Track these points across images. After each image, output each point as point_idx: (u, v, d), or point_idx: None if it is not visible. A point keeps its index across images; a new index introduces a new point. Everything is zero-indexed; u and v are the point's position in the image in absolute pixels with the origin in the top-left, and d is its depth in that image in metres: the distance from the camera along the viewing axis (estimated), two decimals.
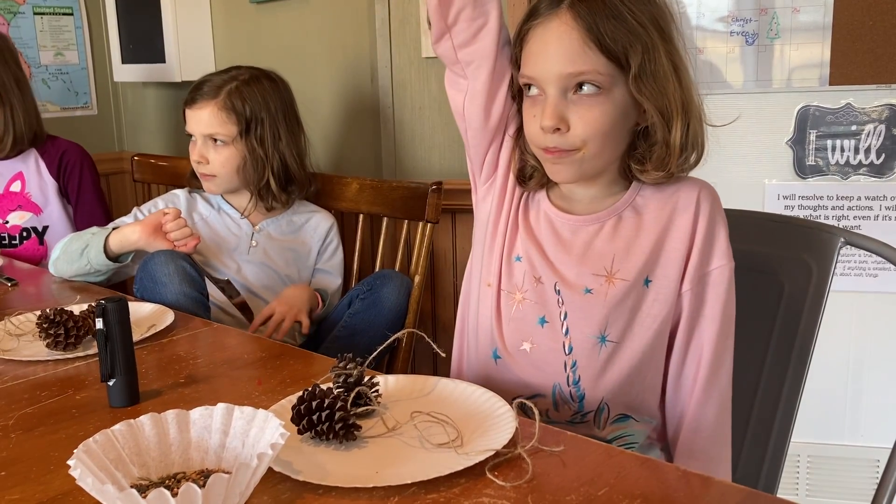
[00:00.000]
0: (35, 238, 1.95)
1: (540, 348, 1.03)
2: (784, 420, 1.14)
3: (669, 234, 1.01)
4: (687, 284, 1.01)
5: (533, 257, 1.05)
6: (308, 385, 0.85)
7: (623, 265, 1.00)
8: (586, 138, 0.95)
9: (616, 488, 0.71)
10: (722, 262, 1.01)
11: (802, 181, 1.68)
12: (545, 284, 1.03)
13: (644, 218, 1.02)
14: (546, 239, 1.05)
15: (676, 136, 0.95)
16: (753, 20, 1.66)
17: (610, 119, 0.95)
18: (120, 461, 0.72)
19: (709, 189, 1.03)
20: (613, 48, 0.92)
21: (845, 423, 1.73)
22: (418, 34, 1.88)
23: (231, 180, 1.66)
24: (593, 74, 0.93)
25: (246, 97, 1.63)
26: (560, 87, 0.95)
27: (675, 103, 0.95)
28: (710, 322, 1.01)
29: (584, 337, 1.01)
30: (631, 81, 0.93)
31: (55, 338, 1.12)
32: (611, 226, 1.02)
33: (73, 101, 2.64)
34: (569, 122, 0.95)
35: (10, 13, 2.48)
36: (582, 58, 0.93)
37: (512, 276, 1.06)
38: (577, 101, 0.95)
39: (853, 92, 1.61)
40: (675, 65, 0.95)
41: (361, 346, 1.50)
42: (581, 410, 1.02)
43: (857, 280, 1.68)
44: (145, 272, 1.42)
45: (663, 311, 1.00)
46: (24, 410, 0.93)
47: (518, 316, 1.04)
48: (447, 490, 0.71)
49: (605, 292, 1.00)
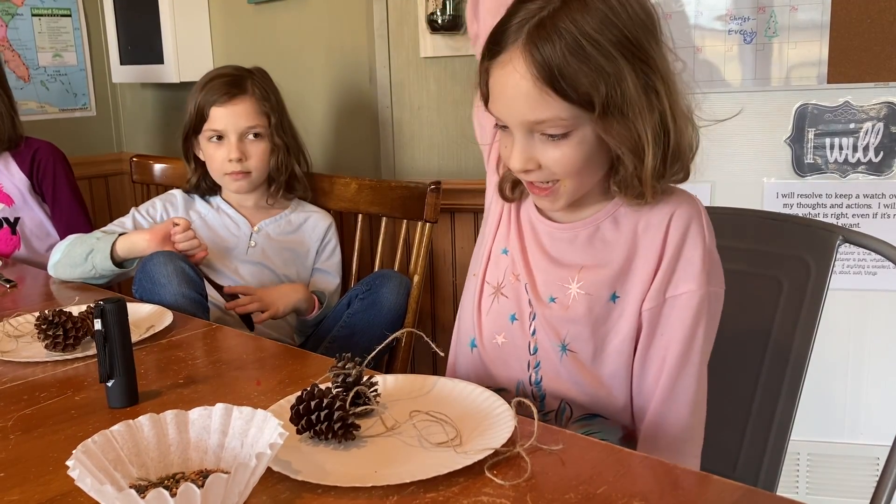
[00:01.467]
0: (7, 228, 1.94)
1: (510, 344, 1.03)
2: (783, 418, 1.14)
3: (638, 252, 0.97)
4: (647, 304, 0.96)
5: (516, 254, 1.04)
6: (307, 385, 0.85)
7: (589, 278, 0.97)
8: (561, 175, 0.92)
9: (615, 486, 0.71)
10: (690, 288, 0.94)
11: (801, 179, 1.68)
12: (520, 283, 1.03)
13: (621, 231, 0.98)
14: (529, 239, 1.04)
15: (648, 165, 0.90)
16: (752, 18, 1.66)
17: (581, 155, 0.90)
18: (119, 462, 0.72)
19: (687, 209, 0.96)
20: (572, 94, 0.85)
21: (845, 421, 1.73)
22: (416, 34, 1.88)
23: (262, 175, 1.68)
24: (555, 121, 0.88)
25: (268, 88, 1.67)
26: (525, 130, 0.90)
27: (645, 134, 0.88)
28: (671, 346, 0.95)
29: (546, 341, 1.00)
30: (596, 121, 0.87)
31: (54, 339, 1.12)
32: (585, 237, 0.99)
33: (72, 102, 2.64)
34: (538, 161, 0.91)
35: (9, 14, 2.48)
36: (541, 105, 0.87)
37: (497, 267, 1.06)
38: (544, 141, 0.90)
39: (851, 90, 1.61)
40: (649, 86, 0.89)
41: (360, 345, 1.50)
42: (542, 409, 1.01)
43: (855, 278, 1.68)
44: (144, 273, 1.41)
45: (628, 328, 0.97)
46: (23, 411, 0.93)
47: (495, 308, 1.05)
48: (446, 489, 0.71)
49: (566, 304, 0.98)
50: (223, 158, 1.63)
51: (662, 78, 0.89)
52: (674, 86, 0.91)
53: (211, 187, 1.72)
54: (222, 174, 1.66)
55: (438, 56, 1.86)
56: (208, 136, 1.65)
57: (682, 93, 0.93)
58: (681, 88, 0.93)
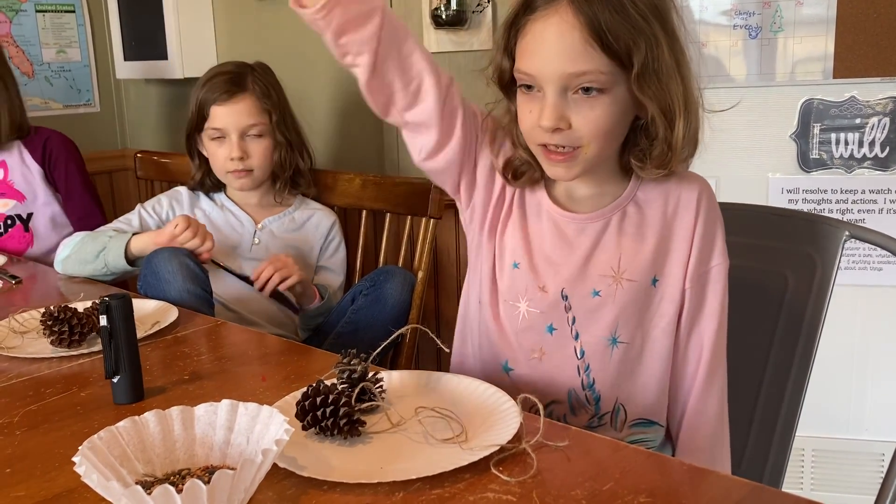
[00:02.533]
0: (20, 225, 1.95)
1: (551, 356, 1.02)
2: (789, 414, 1.14)
3: (674, 233, 1.00)
4: (688, 283, 1.00)
5: (536, 263, 1.02)
6: (312, 381, 0.85)
7: (630, 265, 0.99)
8: (589, 137, 0.92)
9: (621, 483, 0.71)
10: (719, 261, 1.01)
11: (806, 175, 1.68)
12: (549, 292, 1.01)
13: (647, 214, 1.00)
14: (550, 241, 1.02)
15: (679, 133, 0.92)
16: (756, 13, 1.65)
17: (612, 118, 0.92)
18: (125, 458, 0.72)
19: (708, 187, 1.02)
20: (616, 47, 0.87)
21: (850, 417, 1.73)
22: (420, 29, 1.87)
23: (265, 173, 1.68)
24: (595, 74, 0.88)
25: (269, 85, 1.66)
26: (560, 86, 0.90)
27: (678, 101, 0.91)
28: (710, 320, 1.01)
29: (595, 340, 1.00)
30: (633, 80, 0.89)
31: (59, 335, 1.12)
32: (616, 223, 1.00)
33: (76, 98, 2.64)
34: (570, 120, 0.91)
35: (13, 11, 2.48)
36: (584, 57, 0.88)
37: (513, 284, 1.03)
38: (577, 101, 0.91)
39: (857, 85, 1.61)
40: (677, 60, 0.92)
41: (365, 342, 1.49)
42: (598, 413, 1.01)
43: (861, 274, 1.67)
44: (149, 269, 1.42)
45: (671, 309, 1.00)
46: (29, 408, 0.93)
47: (525, 326, 1.02)
48: (452, 485, 0.71)
49: (613, 294, 0.99)
50: (225, 157, 1.63)
51: (684, 56, 0.93)
52: (691, 68, 0.94)
53: (215, 184, 1.72)
54: (225, 172, 1.66)
55: (443, 51, 1.85)
56: (210, 134, 1.65)
57: (696, 79, 0.95)
58: (695, 73, 0.95)
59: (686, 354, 1.03)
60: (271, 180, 1.72)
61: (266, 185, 1.72)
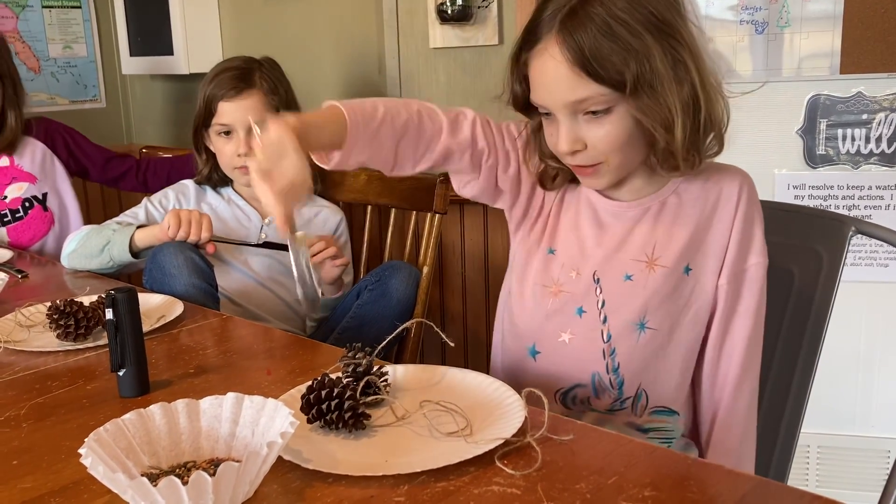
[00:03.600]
0: (38, 206, 1.96)
1: (578, 338, 1.03)
2: (794, 410, 1.14)
3: (712, 225, 1.01)
4: (724, 278, 1.01)
5: (571, 250, 1.05)
6: (317, 375, 0.85)
7: (664, 251, 1.01)
8: (607, 153, 0.96)
9: (626, 477, 0.71)
10: (758, 259, 1.02)
11: (812, 171, 1.67)
12: (582, 275, 1.04)
13: (686, 204, 1.02)
14: (586, 227, 1.05)
15: (678, 136, 0.93)
16: (763, 9, 1.65)
17: (624, 132, 0.94)
18: (130, 450, 0.72)
19: (750, 182, 1.03)
20: (604, 74, 0.90)
21: (856, 414, 1.73)
22: (426, 25, 1.87)
23: None
24: (595, 98, 0.92)
25: (277, 81, 1.66)
26: (568, 112, 0.95)
27: (675, 107, 0.92)
28: (745, 319, 1.02)
29: (623, 323, 1.01)
30: (628, 97, 0.92)
31: (65, 328, 1.12)
32: (654, 212, 1.02)
33: (82, 94, 2.65)
34: (585, 140, 0.96)
35: (19, 6, 2.49)
36: (579, 86, 0.92)
37: (546, 269, 1.06)
38: (588, 121, 0.95)
39: (864, 80, 1.60)
40: (677, 61, 0.92)
41: (370, 336, 1.49)
42: (621, 397, 1.02)
43: (867, 270, 1.67)
44: (155, 264, 1.42)
45: (701, 301, 1.01)
46: (35, 400, 0.94)
47: (555, 308, 1.05)
48: (457, 478, 0.71)
49: (645, 279, 1.00)
50: (232, 153, 1.64)
51: (690, 51, 0.93)
52: (702, 59, 0.95)
53: (222, 178, 1.73)
54: (232, 168, 1.66)
55: (448, 47, 1.85)
56: (217, 130, 1.65)
57: (711, 66, 0.96)
58: (709, 62, 0.96)
59: (720, 353, 1.03)
60: None
61: None
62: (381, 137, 0.98)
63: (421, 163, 1.04)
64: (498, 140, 1.07)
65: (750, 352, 1.02)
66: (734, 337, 1.02)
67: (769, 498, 0.68)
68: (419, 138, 1.01)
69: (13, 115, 1.88)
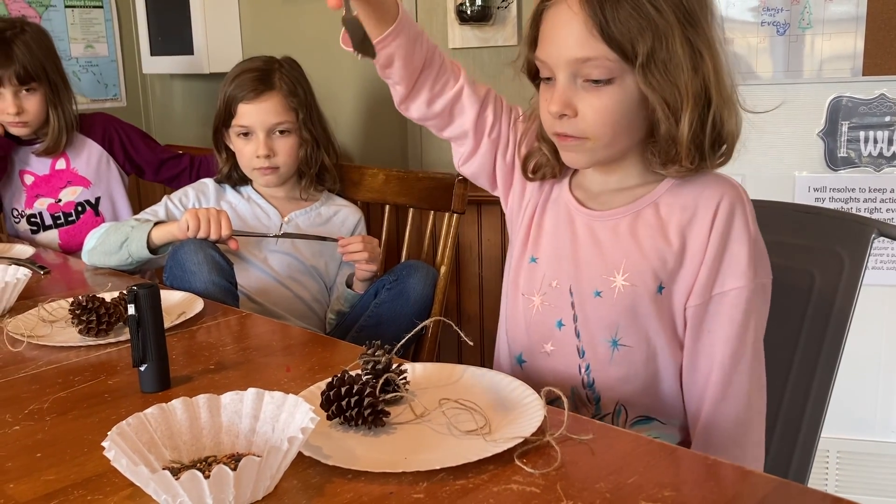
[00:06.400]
0: (90, 210, 1.99)
1: (559, 351, 1.01)
2: (814, 415, 1.13)
3: (687, 243, 0.95)
4: (692, 300, 0.95)
5: (550, 259, 1.03)
6: (336, 372, 0.85)
7: (634, 269, 0.96)
8: (595, 127, 0.92)
9: (645, 477, 0.71)
10: (741, 283, 0.93)
11: (834, 173, 1.66)
12: (560, 287, 1.01)
13: (664, 219, 0.96)
14: (563, 237, 1.02)
15: (684, 129, 0.89)
16: (785, 10, 1.64)
17: (620, 108, 0.91)
18: (152, 444, 0.73)
19: (733, 196, 0.95)
20: (618, 38, 0.87)
21: (876, 420, 1.71)
22: (445, 24, 1.88)
23: (291, 170, 1.70)
24: (601, 61, 0.89)
25: (296, 82, 1.67)
26: (569, 73, 0.92)
27: (685, 94, 0.89)
28: (723, 345, 0.94)
29: (595, 340, 0.98)
30: (638, 70, 0.88)
31: (87, 324, 1.13)
32: (626, 224, 0.98)
33: (103, 93, 2.67)
34: (576, 108, 0.92)
35: (42, 6, 2.52)
36: (589, 44, 0.89)
37: (530, 278, 1.05)
38: (586, 88, 0.91)
39: (887, 82, 1.59)
40: (695, 50, 0.89)
41: (387, 335, 1.48)
42: (598, 413, 1.00)
43: (889, 274, 1.65)
44: (175, 261, 1.43)
45: (677, 321, 0.97)
46: (58, 394, 0.95)
47: (538, 319, 1.03)
48: (476, 476, 0.71)
49: (613, 296, 0.96)
50: (251, 154, 1.65)
51: (710, 50, 0.91)
52: (720, 61, 0.92)
53: (242, 177, 1.74)
54: (251, 169, 1.67)
55: (467, 47, 1.85)
56: (237, 131, 1.66)
57: (729, 74, 0.93)
58: (727, 69, 0.93)
59: (694, 371, 0.97)
60: (297, 176, 1.73)
61: (292, 180, 1.73)
62: (419, 46, 1.01)
63: (435, 102, 1.05)
64: (505, 117, 1.07)
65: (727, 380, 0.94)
66: (703, 363, 0.96)
67: (790, 500, 0.68)
68: (441, 71, 1.04)
69: (55, 116, 1.89)
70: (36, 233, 1.97)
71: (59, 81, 1.90)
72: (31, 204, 1.96)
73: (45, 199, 1.96)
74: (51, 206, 1.96)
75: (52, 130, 1.89)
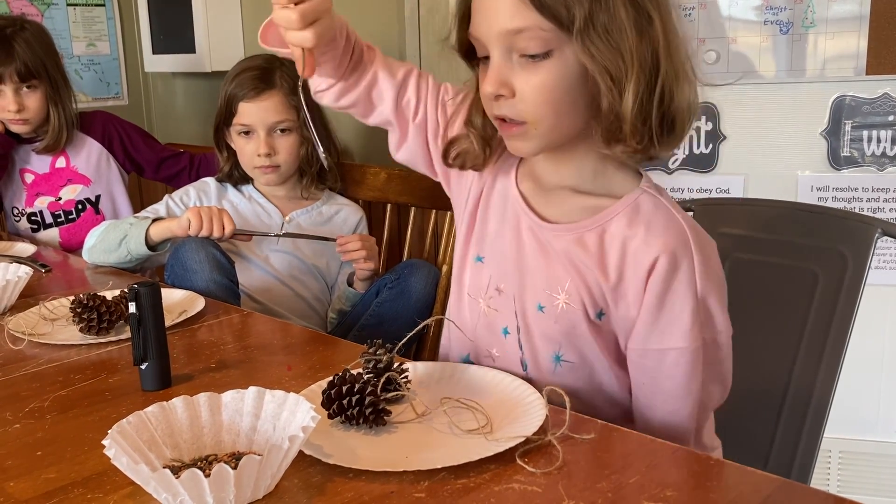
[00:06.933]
0: (91, 209, 1.99)
1: (503, 359, 0.97)
2: (816, 415, 1.13)
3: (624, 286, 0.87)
4: (631, 343, 0.89)
5: (496, 261, 0.97)
6: (337, 371, 0.85)
7: (575, 290, 0.89)
8: (535, 108, 0.84)
9: (647, 476, 0.70)
10: (679, 345, 0.85)
11: (836, 173, 1.65)
12: (506, 293, 0.95)
13: (605, 250, 0.88)
14: (509, 241, 0.95)
15: (629, 101, 0.80)
16: (788, 9, 1.63)
17: (560, 84, 0.82)
18: (153, 443, 0.73)
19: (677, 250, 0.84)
20: (551, 4, 0.78)
21: (878, 420, 1.71)
22: (447, 22, 1.87)
23: (292, 168, 1.69)
24: (535, 31, 0.80)
25: (297, 80, 1.66)
26: (503, 48, 0.83)
27: (629, 62, 0.79)
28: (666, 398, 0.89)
29: (537, 353, 0.93)
30: (575, 38, 0.79)
31: (88, 322, 1.13)
32: (571, 242, 0.90)
33: (105, 91, 2.67)
34: (513, 87, 0.84)
35: (45, 4, 2.52)
36: (521, 13, 0.80)
37: (477, 279, 0.99)
38: (523, 65, 0.83)
39: (891, 81, 1.58)
40: (642, 12, 0.80)
41: (389, 334, 1.47)
42: None
43: (893, 274, 1.65)
44: (176, 260, 1.43)
45: (618, 349, 0.91)
46: (59, 393, 0.95)
47: (484, 324, 0.98)
48: (477, 475, 0.71)
49: (555, 313, 0.90)
50: (252, 152, 1.65)
51: (659, 9, 0.81)
52: (671, 26, 0.82)
53: (243, 176, 1.74)
54: (252, 167, 1.67)
55: None
56: (238, 129, 1.66)
57: (683, 42, 0.84)
58: (681, 38, 0.84)
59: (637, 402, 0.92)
60: (298, 175, 1.73)
61: (293, 179, 1.73)
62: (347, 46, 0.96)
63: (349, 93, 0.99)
64: (431, 98, 0.99)
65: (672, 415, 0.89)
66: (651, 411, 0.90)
67: (793, 500, 0.68)
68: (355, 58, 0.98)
69: (55, 114, 1.89)
70: (36, 231, 1.97)
71: (59, 79, 1.90)
72: (32, 202, 1.96)
73: (45, 197, 1.96)
74: (51, 205, 1.96)
75: (52, 128, 1.89)
